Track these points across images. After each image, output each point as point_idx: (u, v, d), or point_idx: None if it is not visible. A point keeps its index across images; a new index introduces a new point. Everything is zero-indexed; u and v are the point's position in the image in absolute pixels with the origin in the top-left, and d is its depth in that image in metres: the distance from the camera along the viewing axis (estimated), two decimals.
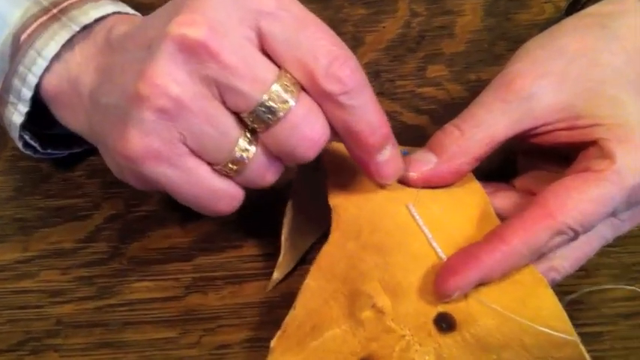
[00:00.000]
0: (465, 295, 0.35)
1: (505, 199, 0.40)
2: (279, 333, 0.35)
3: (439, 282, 0.34)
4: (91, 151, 0.47)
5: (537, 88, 0.37)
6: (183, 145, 0.33)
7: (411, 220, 0.37)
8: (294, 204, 0.42)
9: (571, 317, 0.35)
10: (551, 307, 0.34)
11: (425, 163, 0.38)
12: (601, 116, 0.36)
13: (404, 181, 0.38)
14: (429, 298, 0.35)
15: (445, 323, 0.34)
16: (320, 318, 0.36)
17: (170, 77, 0.31)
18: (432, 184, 0.38)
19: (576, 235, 0.35)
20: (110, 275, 0.45)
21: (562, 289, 0.37)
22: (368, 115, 0.33)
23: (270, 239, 0.44)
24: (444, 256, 0.36)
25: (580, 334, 0.34)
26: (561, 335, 0.33)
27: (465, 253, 0.35)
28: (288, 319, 0.36)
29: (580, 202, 0.34)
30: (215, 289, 0.44)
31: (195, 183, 0.34)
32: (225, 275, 0.44)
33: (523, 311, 0.34)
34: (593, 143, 0.36)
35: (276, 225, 0.43)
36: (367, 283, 0.35)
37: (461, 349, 0.34)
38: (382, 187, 0.38)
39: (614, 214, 0.37)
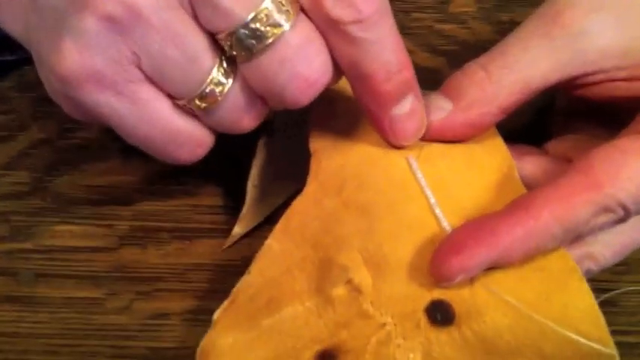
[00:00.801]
0: (471, 281, 0.30)
1: (535, 164, 0.35)
2: (225, 303, 0.32)
3: (439, 259, 0.30)
4: (28, 59, 0.41)
5: (592, 24, 0.32)
6: (137, 68, 0.29)
7: (410, 178, 0.33)
8: (267, 142, 0.39)
9: None
10: (585, 306, 0.30)
11: (436, 109, 0.34)
12: None
13: None
14: (422, 280, 0.31)
15: (440, 314, 0.30)
16: (279, 290, 0.32)
17: None
18: (442, 137, 0.34)
19: (627, 215, 0.30)
20: (28, 213, 0.39)
21: (593, 284, 0.33)
22: (385, 53, 0.30)
23: (235, 187, 0.39)
24: (448, 227, 0.32)
25: None
26: (595, 345, 0.29)
27: (477, 225, 0.30)
28: (239, 286, 0.32)
29: (638, 171, 0.30)
30: (157, 243, 0.38)
31: (149, 120, 0.30)
32: (172, 227, 0.39)
33: (546, 309, 0.30)
34: None
35: (244, 170, 0.38)
36: (344, 251, 0.32)
37: (457, 350, 0.30)
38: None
39: None
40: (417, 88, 0.32)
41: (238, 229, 0.38)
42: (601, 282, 0.36)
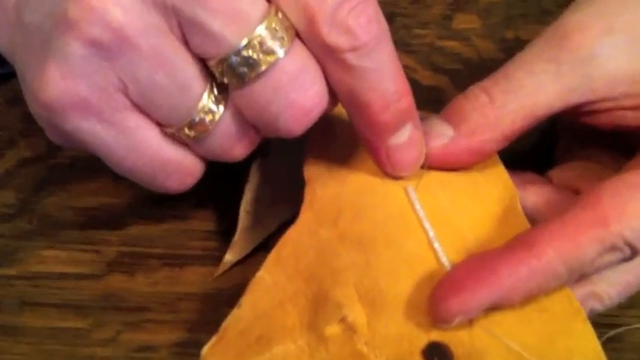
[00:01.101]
0: (470, 322, 0.29)
1: (538, 195, 0.34)
2: (214, 339, 0.31)
3: (437, 299, 0.29)
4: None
5: (602, 48, 0.31)
6: (124, 96, 0.28)
7: (408, 210, 0.32)
8: (262, 164, 0.37)
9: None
10: (589, 350, 0.29)
11: (437, 135, 0.33)
12: None
13: None
14: (420, 319, 0.29)
15: (438, 356, 0.29)
16: (271, 325, 0.31)
17: None
18: (443, 164, 0.33)
19: (634, 253, 0.29)
20: (12, 236, 0.38)
21: (596, 318, 0.32)
22: (383, 81, 0.28)
23: (228, 210, 0.38)
24: (447, 264, 0.30)
25: None
26: None
27: (478, 263, 0.29)
28: (229, 320, 0.31)
29: None
30: (146, 270, 0.37)
31: (136, 149, 0.29)
32: (162, 253, 0.37)
33: (550, 353, 0.29)
34: None
35: (237, 194, 0.37)
36: (339, 286, 0.30)
37: None
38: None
39: None
40: (416, 116, 0.31)
41: (230, 257, 0.37)
42: (605, 317, 0.34)
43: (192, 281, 0.36)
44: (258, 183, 0.37)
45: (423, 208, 0.32)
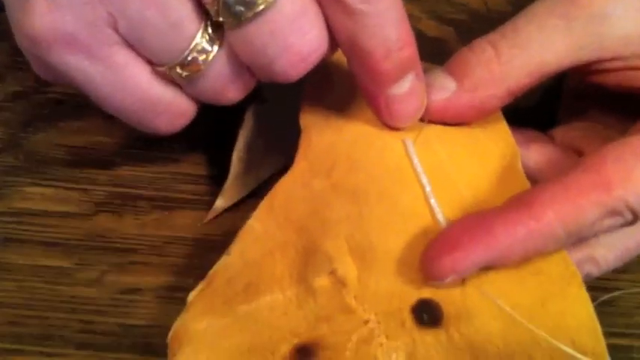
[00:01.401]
0: (463, 281, 0.29)
1: (540, 154, 0.34)
2: (201, 285, 0.30)
3: (430, 257, 0.28)
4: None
5: (615, 8, 0.30)
6: (113, 31, 0.26)
7: (405, 163, 0.31)
8: (257, 111, 0.36)
9: None
10: (582, 316, 0.28)
11: (439, 88, 0.32)
12: None
13: None
14: (411, 276, 0.29)
15: (428, 314, 0.29)
16: (259, 274, 0.30)
17: None
18: (444, 118, 0.32)
19: (635, 218, 0.28)
20: None
21: (589, 282, 0.31)
22: (386, 28, 0.27)
23: (220, 157, 0.37)
24: (442, 219, 0.30)
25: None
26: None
27: (474, 221, 0.28)
28: (217, 267, 0.30)
29: None
30: (135, 211, 0.36)
31: (125, 87, 0.28)
32: (152, 195, 0.36)
33: (542, 315, 0.28)
34: None
35: (231, 138, 0.36)
36: (330, 238, 0.30)
37: (443, 353, 0.28)
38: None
39: None
40: (419, 66, 0.30)
41: (221, 203, 0.36)
42: (598, 280, 0.34)
43: (181, 225, 0.36)
44: (252, 130, 0.36)
45: (420, 162, 0.31)
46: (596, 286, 0.33)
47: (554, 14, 0.30)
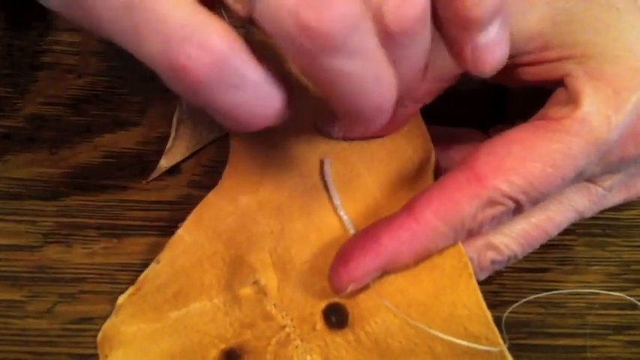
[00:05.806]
0: (368, 285, 0.30)
1: (460, 152, 0.34)
2: (131, 289, 0.32)
3: (331, 269, 0.30)
4: None
5: (513, 3, 0.29)
6: None
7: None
8: None
9: (547, 323, 0.31)
10: (472, 304, 0.29)
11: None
12: (572, 44, 0.29)
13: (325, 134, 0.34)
14: (323, 284, 0.31)
15: (335, 316, 0.30)
16: (189, 282, 0.32)
17: None
18: (356, 139, 0.33)
19: (519, 206, 0.28)
20: None
21: (538, 284, 0.33)
22: None
23: (169, 182, 0.37)
24: (352, 230, 0.32)
25: (557, 347, 0.31)
26: (482, 347, 0.29)
27: (366, 233, 0.30)
28: (146, 273, 0.32)
29: (522, 161, 0.28)
30: (84, 241, 0.35)
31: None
32: (100, 224, 0.36)
33: (436, 308, 0.30)
34: (562, 83, 0.29)
35: (181, 168, 0.37)
36: (255, 252, 0.32)
37: (352, 352, 0.30)
38: (301, 131, 0.34)
39: (588, 178, 0.30)
40: (505, 11, 0.26)
41: (164, 163, 0.36)
42: (546, 282, 0.35)
43: (131, 252, 0.35)
44: None
45: (338, 178, 0.32)
46: (545, 288, 0.34)
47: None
